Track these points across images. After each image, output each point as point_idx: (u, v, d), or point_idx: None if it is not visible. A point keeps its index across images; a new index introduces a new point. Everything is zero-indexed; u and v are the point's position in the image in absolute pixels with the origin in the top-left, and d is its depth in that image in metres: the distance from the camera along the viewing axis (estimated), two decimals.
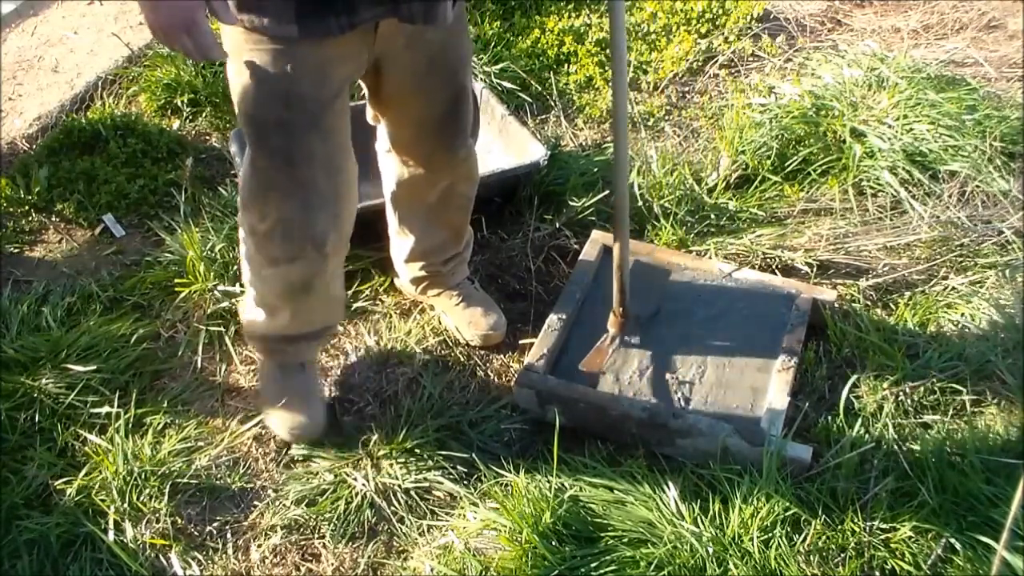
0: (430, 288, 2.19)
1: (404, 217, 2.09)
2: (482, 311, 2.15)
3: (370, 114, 1.90)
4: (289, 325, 1.88)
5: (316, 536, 1.79)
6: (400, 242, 2.15)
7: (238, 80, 1.59)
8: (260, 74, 1.56)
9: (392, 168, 2.00)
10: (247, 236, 1.79)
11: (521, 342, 2.15)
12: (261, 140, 1.64)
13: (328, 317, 1.95)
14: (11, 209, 2.53)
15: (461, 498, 1.82)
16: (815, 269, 2.27)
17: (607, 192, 2.44)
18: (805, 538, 1.68)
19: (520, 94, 2.90)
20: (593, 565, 1.64)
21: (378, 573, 1.73)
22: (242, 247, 1.84)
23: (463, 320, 2.15)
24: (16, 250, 2.43)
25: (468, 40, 1.83)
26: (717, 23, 3.26)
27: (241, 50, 1.55)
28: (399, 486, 1.84)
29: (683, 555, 1.63)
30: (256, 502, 1.85)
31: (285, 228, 1.72)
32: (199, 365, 2.09)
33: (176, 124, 2.90)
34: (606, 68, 3.01)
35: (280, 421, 1.93)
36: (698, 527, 1.67)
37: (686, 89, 3.01)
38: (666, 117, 2.88)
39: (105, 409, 1.95)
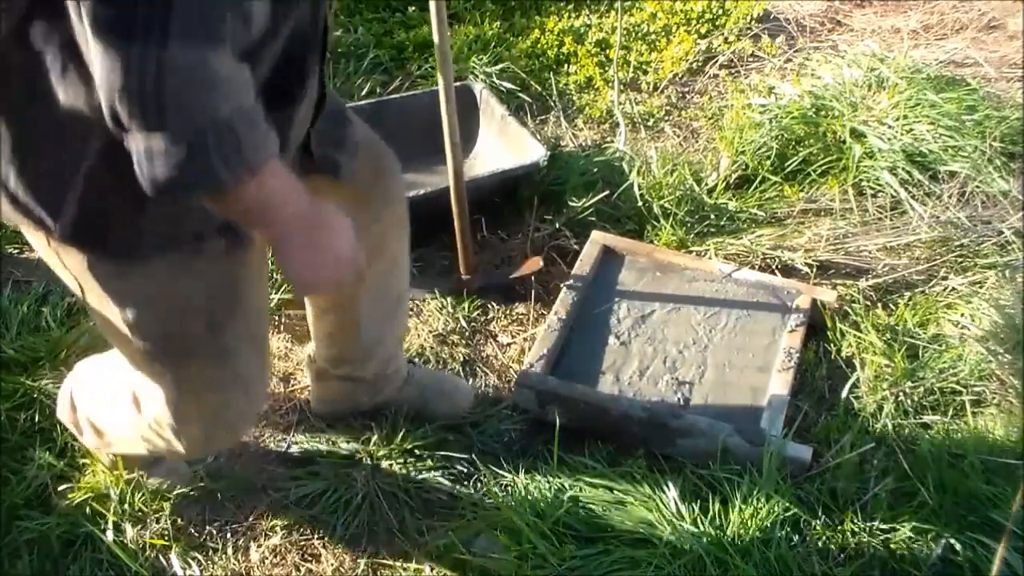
0: (389, 386, 1.90)
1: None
2: (448, 390, 1.98)
3: None
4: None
5: (316, 536, 1.79)
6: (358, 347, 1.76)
7: (132, 313, 1.20)
8: (171, 293, 1.20)
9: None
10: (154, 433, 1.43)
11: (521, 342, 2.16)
12: (183, 363, 1.29)
13: None
14: None
15: (461, 498, 1.82)
16: (815, 269, 2.27)
17: (607, 192, 2.44)
18: (805, 538, 1.68)
19: (520, 94, 2.89)
20: (593, 565, 1.64)
21: (378, 573, 1.73)
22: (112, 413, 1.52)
23: (436, 407, 1.95)
24: (16, 250, 2.42)
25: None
26: (717, 23, 3.26)
27: (123, 275, 1.18)
28: (399, 486, 1.84)
29: (683, 555, 1.63)
30: (256, 502, 1.85)
31: (221, 426, 1.42)
32: None
33: None
34: (606, 68, 3.01)
35: None
36: (698, 527, 1.67)
37: (686, 89, 3.01)
38: (666, 117, 2.88)
39: None
